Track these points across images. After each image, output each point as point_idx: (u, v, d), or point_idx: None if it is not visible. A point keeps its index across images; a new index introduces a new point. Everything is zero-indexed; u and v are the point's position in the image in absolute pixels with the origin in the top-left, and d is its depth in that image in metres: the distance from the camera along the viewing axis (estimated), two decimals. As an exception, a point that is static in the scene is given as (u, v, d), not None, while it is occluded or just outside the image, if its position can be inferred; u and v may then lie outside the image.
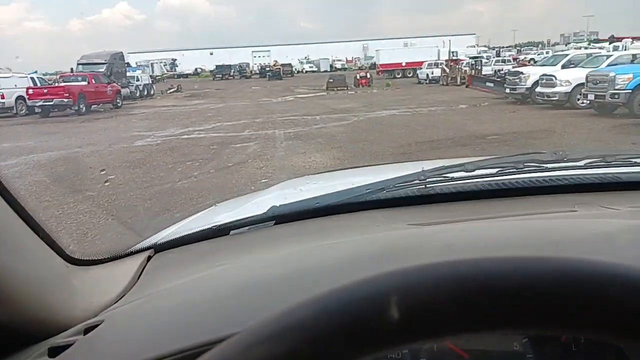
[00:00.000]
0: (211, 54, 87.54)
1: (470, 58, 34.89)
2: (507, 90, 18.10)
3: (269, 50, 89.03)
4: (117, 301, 0.84)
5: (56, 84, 21.50)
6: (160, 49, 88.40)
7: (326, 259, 0.79)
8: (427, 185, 1.08)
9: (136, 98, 31.14)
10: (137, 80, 35.39)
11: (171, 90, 38.97)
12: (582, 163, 1.14)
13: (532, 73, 17.38)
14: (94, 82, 22.33)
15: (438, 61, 38.74)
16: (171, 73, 73.11)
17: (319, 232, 1.01)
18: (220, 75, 58.98)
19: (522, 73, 17.64)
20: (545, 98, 15.56)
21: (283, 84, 42.42)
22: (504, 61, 38.79)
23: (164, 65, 74.74)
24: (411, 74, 45.82)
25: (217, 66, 61.77)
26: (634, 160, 1.17)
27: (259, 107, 21.99)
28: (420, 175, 1.10)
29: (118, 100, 24.41)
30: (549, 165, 1.14)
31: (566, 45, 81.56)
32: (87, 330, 0.73)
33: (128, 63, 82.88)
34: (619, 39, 60.22)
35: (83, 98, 20.64)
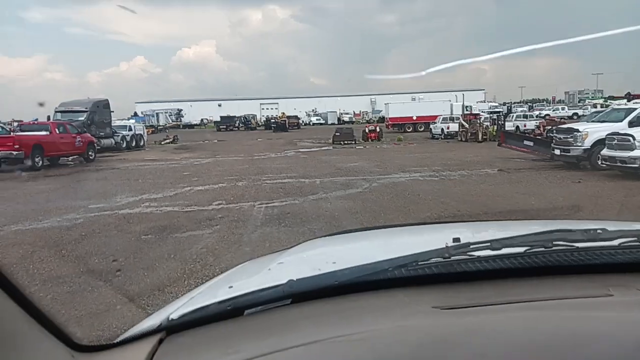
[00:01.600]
0: (219, 105, 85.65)
1: (490, 112, 31.21)
2: (557, 152, 14.08)
3: (277, 103, 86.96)
4: None
5: (12, 134, 17.80)
6: (168, 99, 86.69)
7: (348, 359, 0.75)
8: (452, 263, 0.99)
9: (122, 149, 27.60)
10: (130, 130, 32.28)
11: (166, 141, 35.57)
12: (615, 243, 1.04)
13: (591, 131, 13.42)
14: (58, 131, 18.70)
15: (453, 115, 35.21)
16: (176, 123, 70.71)
17: (338, 314, 0.93)
18: (225, 126, 56.05)
19: (577, 131, 13.67)
20: (619, 164, 11.49)
21: (287, 137, 39.00)
22: (525, 116, 35.21)
23: (169, 116, 72.66)
24: (422, 129, 42.37)
25: (221, 117, 59.07)
26: None
27: (251, 163, 18.12)
28: (444, 252, 1.01)
29: (90, 153, 20.71)
30: (580, 245, 1.02)
31: (580, 102, 78.61)
32: None
33: (135, 113, 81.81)
34: (636, 96, 57.23)
35: (40, 150, 16.92)
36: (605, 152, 12.08)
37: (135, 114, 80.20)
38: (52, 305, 4.12)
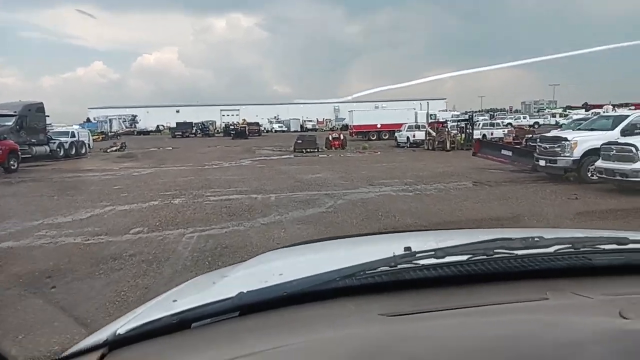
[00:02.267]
0: (177, 111, 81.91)
1: (458, 120, 29.97)
2: (541, 163, 12.53)
3: (237, 109, 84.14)
4: None
5: None
6: (123, 105, 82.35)
7: None
8: (398, 272, 1.02)
9: (59, 158, 24.56)
10: (73, 136, 29.22)
11: (113, 149, 32.49)
12: (552, 250, 1.09)
13: (581, 140, 11.94)
14: (-34, 137, 15.79)
15: (418, 123, 33.91)
16: (130, 129, 66.76)
17: (286, 325, 0.93)
18: (181, 133, 52.98)
19: (565, 140, 12.14)
20: (619, 177, 9.96)
21: (246, 144, 36.64)
22: (492, 125, 34.28)
23: (123, 122, 68.54)
24: (387, 137, 40.89)
25: (177, 123, 55.92)
26: (602, 247, 1.13)
27: (198, 174, 15.79)
28: (390, 261, 1.02)
29: (12, 162, 17.80)
30: (519, 252, 1.07)
31: (537, 112, 79.93)
32: None
33: (88, 118, 77.07)
34: (594, 106, 58.17)
35: (-60, 159, 14.00)
36: (600, 163, 10.55)
37: (88, 120, 75.87)
38: None
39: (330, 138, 30.41)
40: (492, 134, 31.17)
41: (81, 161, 24.20)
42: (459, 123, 28.61)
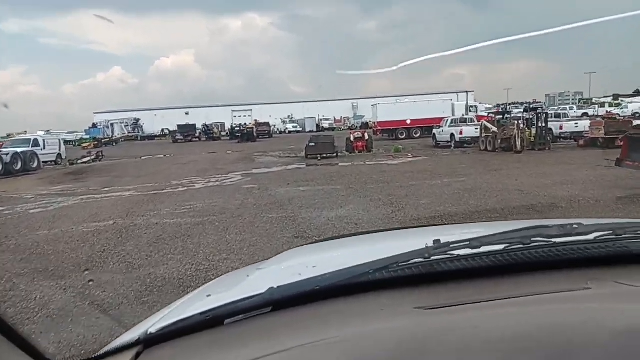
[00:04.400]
0: (187, 113, 75.54)
1: (525, 110, 22.40)
2: None
3: (250, 110, 77.37)
4: None
5: None
6: (131, 109, 76.54)
7: None
8: (432, 263, 0.98)
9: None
10: (36, 145, 23.39)
11: (84, 160, 25.98)
12: (591, 237, 1.03)
13: None
14: None
15: (465, 116, 26.54)
16: (133, 134, 60.77)
17: (319, 320, 0.91)
18: (182, 137, 46.35)
19: None
20: None
21: (251, 149, 29.73)
22: (559, 116, 26.63)
23: (125, 126, 62.64)
24: (418, 135, 33.62)
25: (179, 126, 49.24)
26: None
27: (126, 216, 8.85)
28: (424, 252, 0.98)
29: None
30: (557, 240, 1.01)
31: (579, 102, 71.06)
32: None
33: (94, 124, 71.47)
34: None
35: None
36: None
37: (94, 125, 70.34)
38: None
39: (352, 138, 23.21)
40: (561, 127, 23.48)
41: (21, 180, 17.57)
42: (524, 115, 21.11)
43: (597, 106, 54.28)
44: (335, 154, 20.34)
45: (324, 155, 19.86)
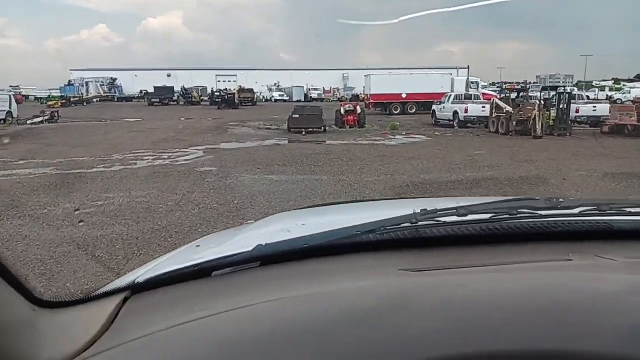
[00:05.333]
0: (168, 75, 70.65)
1: (543, 89, 19.43)
2: None
3: (235, 75, 72.80)
4: (87, 349, 0.73)
5: None
6: (109, 68, 71.46)
7: (314, 313, 0.72)
8: (419, 229, 0.98)
9: None
10: None
11: (35, 120, 22.38)
12: (576, 211, 1.04)
13: None
14: None
15: (471, 92, 23.52)
16: (109, 94, 56.36)
17: (306, 276, 0.92)
18: (158, 100, 42.38)
19: None
20: None
21: (229, 116, 26.39)
22: (572, 98, 23.67)
23: (101, 85, 58.08)
24: (413, 110, 30.57)
25: (155, 88, 45.04)
26: (627, 209, 1.09)
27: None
28: (411, 217, 0.98)
29: None
30: (543, 212, 1.03)
31: (576, 85, 68.54)
32: None
33: (70, 81, 66.63)
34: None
35: None
36: None
37: (70, 83, 65.52)
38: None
39: (343, 111, 20.09)
40: (577, 110, 20.58)
41: None
42: (541, 94, 18.16)
43: (597, 89, 51.72)
44: (322, 129, 17.24)
45: (309, 130, 16.75)
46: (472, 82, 31.72)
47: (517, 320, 0.64)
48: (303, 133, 16.18)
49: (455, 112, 20.76)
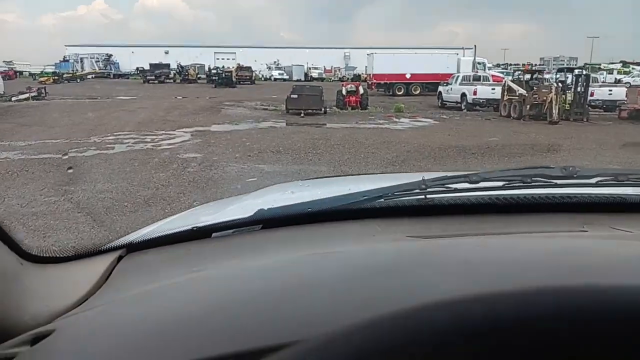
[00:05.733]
0: (166, 52, 68.87)
1: (560, 70, 18.22)
2: None
3: (234, 53, 70.95)
4: (77, 306, 0.70)
5: None
6: (105, 44, 69.65)
7: (317, 272, 0.68)
8: (428, 196, 0.94)
9: None
10: None
11: (21, 97, 21.16)
12: (593, 181, 0.98)
13: None
14: None
15: (479, 73, 22.30)
16: (105, 71, 54.76)
17: (310, 239, 0.88)
18: (154, 77, 40.84)
19: None
20: None
21: (227, 95, 25.18)
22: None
23: (96, 62, 56.45)
24: (418, 91, 29.26)
25: (151, 65, 43.41)
26: None
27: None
28: (421, 184, 0.94)
29: None
30: (558, 182, 0.97)
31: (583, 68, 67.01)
32: (35, 341, 0.58)
33: (65, 57, 65.00)
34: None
35: None
36: None
37: (65, 59, 63.87)
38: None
39: (344, 92, 18.88)
40: (592, 94, 19.35)
41: None
42: (557, 76, 16.97)
43: (605, 72, 50.23)
44: (322, 110, 16.08)
45: (309, 111, 15.60)
46: (478, 63, 30.30)
47: (535, 275, 0.58)
48: (302, 115, 15.04)
49: (463, 94, 19.58)
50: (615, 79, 42.47)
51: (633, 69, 46.16)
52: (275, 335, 0.47)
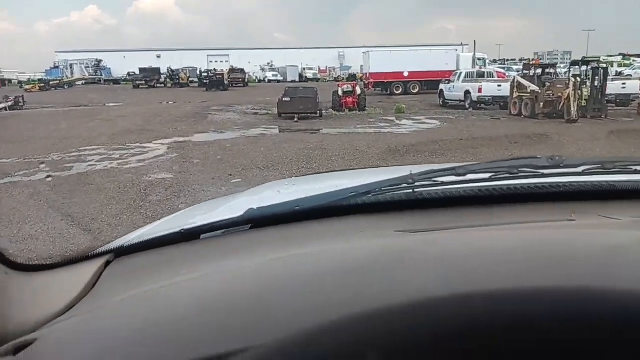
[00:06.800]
0: (158, 56, 67.32)
1: (572, 64, 16.87)
2: None
3: (227, 55, 69.42)
4: (63, 313, 0.69)
5: None
6: (96, 49, 68.05)
7: (306, 271, 0.67)
8: (415, 190, 0.93)
9: None
10: None
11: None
12: (579, 169, 0.99)
13: None
14: None
15: (483, 69, 20.94)
16: (95, 77, 53.16)
17: (298, 238, 0.88)
18: (145, 82, 39.34)
19: None
20: None
21: (218, 99, 23.77)
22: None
23: (86, 67, 54.86)
24: (417, 89, 27.85)
25: (140, 70, 41.93)
26: (633, 167, 1.03)
27: None
28: (408, 178, 0.93)
29: None
30: (545, 171, 0.97)
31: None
32: (17, 350, 0.57)
33: (55, 64, 63.37)
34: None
35: None
36: None
37: (56, 66, 62.28)
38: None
39: (341, 93, 17.50)
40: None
41: None
42: (570, 70, 15.62)
43: (606, 65, 48.88)
44: (318, 113, 14.69)
45: (303, 115, 14.21)
46: (479, 59, 29.01)
47: (519, 270, 0.58)
48: (296, 119, 13.67)
49: (467, 92, 18.23)
50: (616, 71, 41.18)
51: (634, 61, 44.77)
52: (256, 337, 0.47)
